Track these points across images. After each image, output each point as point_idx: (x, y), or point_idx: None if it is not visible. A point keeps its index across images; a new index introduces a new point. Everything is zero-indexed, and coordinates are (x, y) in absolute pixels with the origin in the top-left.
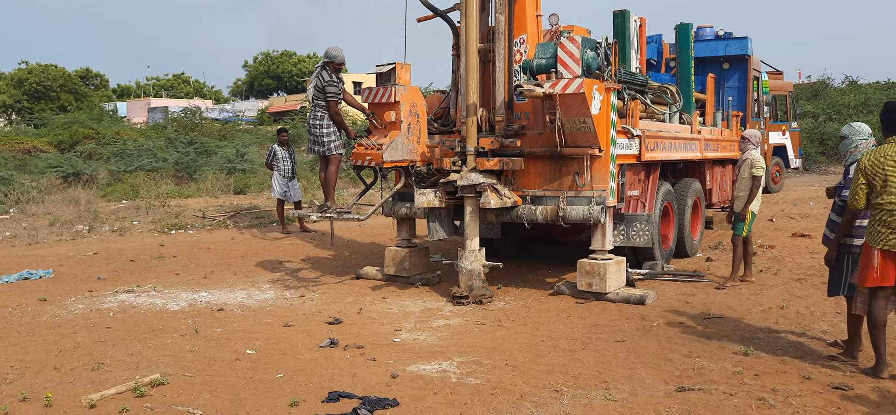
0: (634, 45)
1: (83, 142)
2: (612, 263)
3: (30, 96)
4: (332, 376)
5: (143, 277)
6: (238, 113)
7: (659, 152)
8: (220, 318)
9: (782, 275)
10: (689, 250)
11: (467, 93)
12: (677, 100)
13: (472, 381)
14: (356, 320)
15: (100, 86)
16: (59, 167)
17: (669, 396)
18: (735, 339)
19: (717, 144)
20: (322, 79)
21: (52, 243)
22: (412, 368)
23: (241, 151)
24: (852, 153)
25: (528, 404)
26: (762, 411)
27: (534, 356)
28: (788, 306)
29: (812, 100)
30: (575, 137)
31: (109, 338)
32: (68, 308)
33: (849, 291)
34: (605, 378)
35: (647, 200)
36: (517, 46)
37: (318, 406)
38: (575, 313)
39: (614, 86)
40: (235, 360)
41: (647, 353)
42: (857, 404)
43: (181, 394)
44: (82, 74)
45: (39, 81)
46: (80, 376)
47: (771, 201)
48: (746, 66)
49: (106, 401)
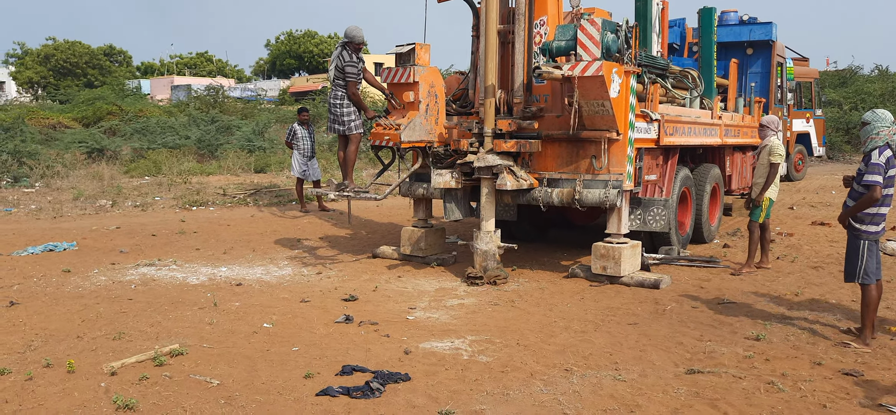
0: (656, 28)
1: (107, 118)
2: (628, 246)
3: (56, 72)
4: (346, 350)
5: (164, 252)
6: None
7: (678, 137)
8: (239, 292)
9: (799, 263)
10: (707, 236)
11: (486, 74)
12: (698, 85)
13: (484, 359)
14: (371, 298)
15: (123, 63)
16: (84, 143)
17: (679, 378)
18: (747, 324)
19: (738, 130)
20: (342, 59)
21: (76, 217)
22: (425, 345)
23: (260, 129)
24: (873, 139)
25: (537, 382)
26: (770, 395)
27: (545, 336)
28: (803, 293)
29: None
30: (593, 120)
31: (131, 309)
32: (91, 280)
33: (864, 279)
34: (615, 359)
35: (664, 185)
36: (537, 28)
37: (331, 379)
38: (588, 295)
39: (634, 69)
40: (252, 333)
41: (659, 336)
42: (865, 390)
43: (199, 364)
44: (106, 51)
45: (66, 58)
46: (102, 345)
47: (793, 190)
48: (770, 52)
49: (126, 369)
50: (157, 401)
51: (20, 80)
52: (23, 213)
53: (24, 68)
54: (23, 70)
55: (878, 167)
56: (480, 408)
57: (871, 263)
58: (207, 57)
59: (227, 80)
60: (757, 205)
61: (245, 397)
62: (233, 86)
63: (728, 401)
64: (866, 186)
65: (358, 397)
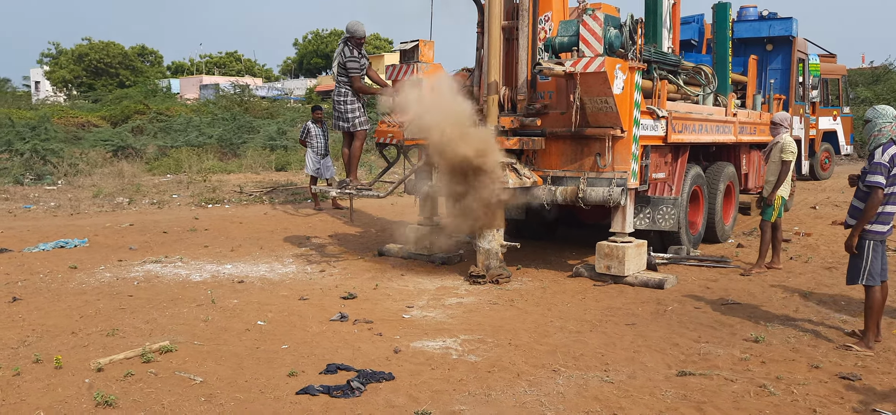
0: (667, 24)
1: (133, 117)
2: (632, 246)
3: (89, 72)
4: (335, 348)
5: (173, 249)
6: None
7: (687, 135)
8: (239, 289)
9: (813, 263)
10: (720, 236)
11: (489, 71)
12: (711, 81)
13: (473, 358)
14: (370, 296)
15: (155, 62)
16: (109, 141)
17: (669, 380)
18: (749, 326)
19: (754, 128)
20: (343, 55)
21: (93, 214)
22: (416, 344)
23: (283, 128)
24: (876, 137)
25: (522, 382)
26: (760, 398)
27: (539, 336)
28: (812, 295)
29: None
30: (596, 117)
31: (130, 306)
32: (96, 276)
33: (868, 280)
34: (606, 360)
35: (674, 184)
36: (542, 24)
37: (315, 377)
38: (590, 295)
39: (639, 65)
40: (245, 330)
41: (655, 337)
42: (861, 394)
43: (187, 361)
44: (138, 51)
45: (99, 58)
46: (95, 341)
47: (818, 189)
48: (790, 48)
49: (114, 365)
50: (138, 398)
51: (54, 80)
52: (41, 210)
53: (59, 68)
54: (57, 69)
55: (880, 167)
56: (460, 408)
57: (877, 263)
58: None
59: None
60: (768, 204)
61: (225, 394)
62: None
63: (715, 404)
64: (869, 186)
65: (338, 396)
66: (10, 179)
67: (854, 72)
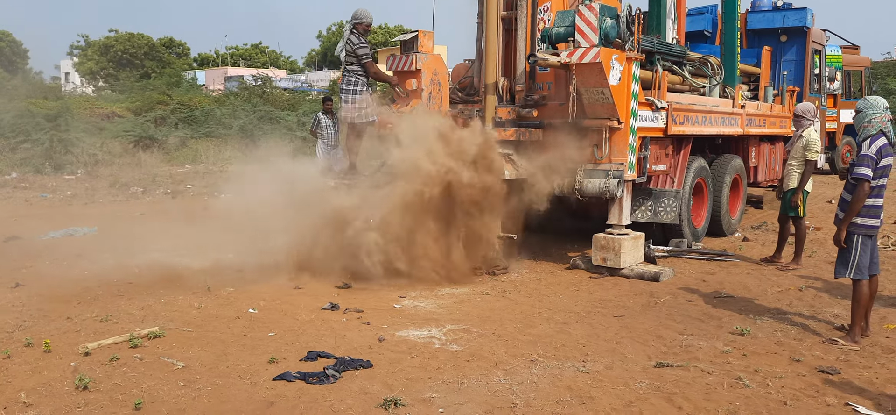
0: (671, 14)
1: (156, 107)
2: (629, 238)
3: (116, 63)
4: (321, 336)
5: (177, 237)
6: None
7: (690, 127)
8: (236, 278)
9: (816, 257)
10: (726, 229)
11: (486, 61)
12: (718, 73)
13: (454, 347)
14: (366, 285)
15: (182, 54)
16: (131, 132)
17: (645, 371)
18: (738, 318)
19: (764, 120)
20: (351, 43)
21: (107, 203)
22: (402, 333)
23: (301, 119)
24: (866, 128)
25: (498, 371)
26: (733, 391)
27: (524, 327)
28: (808, 289)
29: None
30: (593, 108)
31: (127, 292)
32: (99, 263)
33: (856, 274)
34: (586, 351)
35: (676, 176)
36: (541, 14)
37: (295, 364)
38: (585, 287)
39: (637, 56)
40: (235, 318)
41: (641, 329)
42: (837, 389)
43: (173, 347)
44: (166, 43)
45: (125, 49)
46: (88, 326)
47: (836, 183)
48: (805, 39)
49: (102, 350)
50: (119, 381)
51: (83, 72)
52: (58, 199)
53: (86, 60)
54: (85, 60)
55: (867, 159)
56: (430, 396)
57: (865, 258)
58: (261, 48)
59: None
60: (793, 205)
61: (205, 380)
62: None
63: (685, 395)
64: (856, 179)
65: (313, 382)
66: (30, 169)
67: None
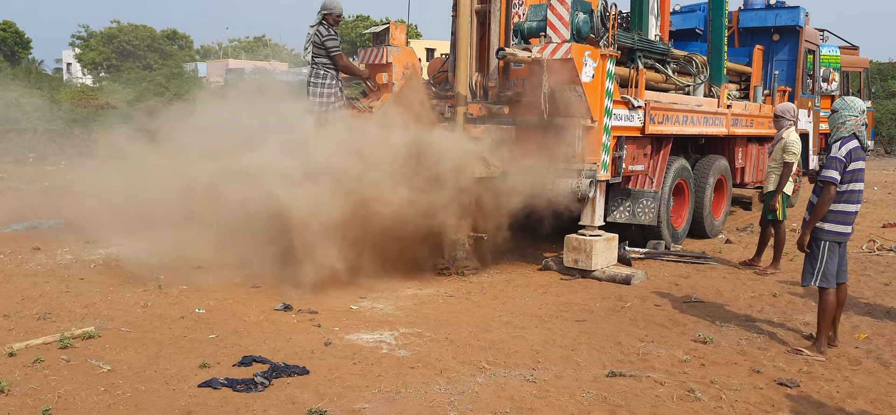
0: (654, 11)
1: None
2: (601, 239)
3: (118, 54)
4: (264, 339)
5: (145, 232)
6: None
7: (668, 126)
8: (192, 275)
9: (797, 262)
10: (709, 231)
11: (458, 56)
12: (702, 70)
13: (402, 353)
14: (328, 285)
15: (184, 46)
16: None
17: (596, 380)
18: (703, 325)
19: (751, 120)
20: (320, 34)
21: (81, 195)
22: (351, 336)
23: None
24: (838, 129)
25: (441, 380)
26: (682, 404)
27: (479, 332)
28: (781, 295)
29: None
30: (566, 106)
31: (76, 289)
32: (56, 258)
33: (822, 282)
34: (538, 358)
35: (654, 176)
36: (516, 8)
37: (227, 369)
38: (553, 290)
39: (611, 52)
40: (180, 318)
41: (600, 334)
42: (794, 403)
43: (106, 348)
44: (169, 35)
45: (128, 40)
46: (24, 325)
47: None
48: (797, 39)
49: (30, 350)
50: (36, 385)
51: (84, 62)
52: (33, 190)
53: (89, 50)
54: (87, 51)
55: (835, 162)
56: (361, 407)
57: (831, 265)
58: (264, 41)
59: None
60: (772, 209)
61: (127, 385)
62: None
63: (631, 408)
64: (823, 182)
65: (240, 390)
66: (10, 160)
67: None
